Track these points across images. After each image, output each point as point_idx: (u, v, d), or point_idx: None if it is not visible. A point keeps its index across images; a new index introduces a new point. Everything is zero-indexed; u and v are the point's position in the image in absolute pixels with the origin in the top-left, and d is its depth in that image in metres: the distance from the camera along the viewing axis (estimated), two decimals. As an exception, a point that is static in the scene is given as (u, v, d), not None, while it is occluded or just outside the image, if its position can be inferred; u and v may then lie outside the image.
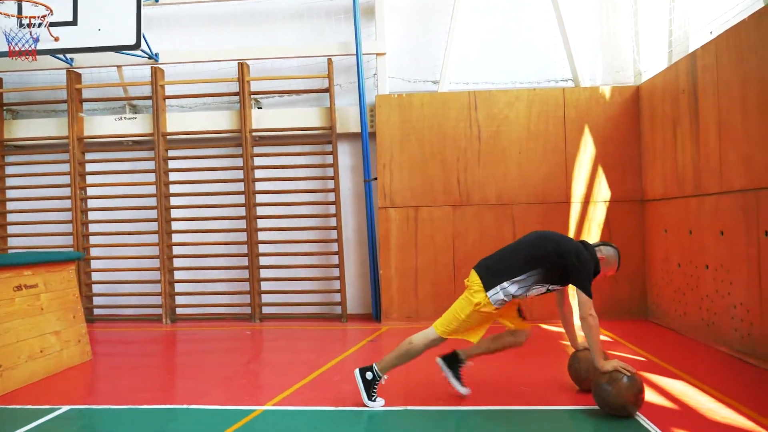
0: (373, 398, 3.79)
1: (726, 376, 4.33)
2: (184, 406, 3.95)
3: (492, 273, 3.70)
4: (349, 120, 7.41)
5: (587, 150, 6.88)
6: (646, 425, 3.36)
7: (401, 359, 3.83)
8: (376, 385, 3.81)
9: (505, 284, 3.65)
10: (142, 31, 6.58)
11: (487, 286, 3.66)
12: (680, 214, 5.88)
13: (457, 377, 3.97)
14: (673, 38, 6.28)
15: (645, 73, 6.85)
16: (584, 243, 3.78)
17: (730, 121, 4.95)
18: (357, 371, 3.85)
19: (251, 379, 4.63)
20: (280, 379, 4.62)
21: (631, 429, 3.29)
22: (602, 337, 5.79)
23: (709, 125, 5.27)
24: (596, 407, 3.56)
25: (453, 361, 3.99)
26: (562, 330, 5.62)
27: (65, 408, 3.97)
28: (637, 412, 3.53)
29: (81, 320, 5.46)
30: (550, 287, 3.78)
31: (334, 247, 7.42)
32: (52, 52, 6.63)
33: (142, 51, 7.18)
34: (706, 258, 5.39)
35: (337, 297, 7.43)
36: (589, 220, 6.84)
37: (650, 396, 3.90)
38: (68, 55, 7.42)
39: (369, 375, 3.80)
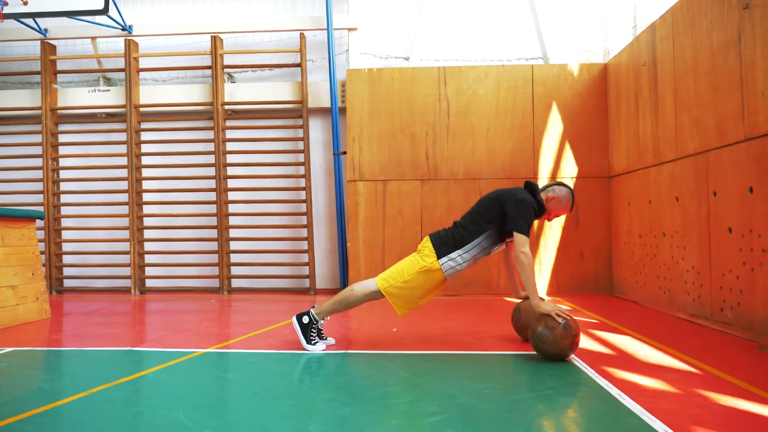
0: (312, 342, 3.81)
1: (671, 333, 4.36)
2: (128, 348, 3.97)
3: (444, 242, 3.72)
4: (320, 95, 7.46)
5: (555, 126, 6.93)
6: (577, 364, 3.39)
7: (339, 305, 3.84)
8: (314, 329, 3.83)
9: (454, 254, 3.69)
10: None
11: (440, 254, 3.69)
12: (641, 185, 5.93)
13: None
14: (637, 14, 6.35)
15: (612, 51, 6.92)
16: (528, 184, 3.80)
17: (683, 87, 5.01)
18: (294, 317, 3.87)
19: (202, 331, 4.64)
20: (231, 331, 4.65)
21: (564, 368, 3.32)
22: (563, 306, 5.82)
23: (666, 93, 5.33)
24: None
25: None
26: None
27: (8, 349, 3.98)
28: (573, 355, 3.56)
29: (40, 278, 5.47)
30: (509, 241, 3.82)
31: (304, 221, 7.45)
32: (19, 16, 6.67)
33: (116, 23, 7.24)
34: (664, 226, 5.44)
35: (306, 270, 7.46)
36: (556, 196, 6.87)
37: (591, 345, 3.94)
38: (42, 26, 7.46)
39: (305, 319, 3.82)
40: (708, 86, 4.60)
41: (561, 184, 3.86)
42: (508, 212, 3.63)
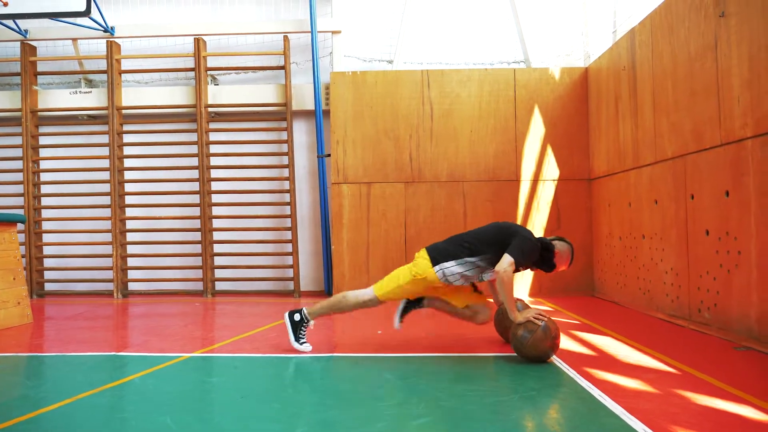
0: (300, 341, 3.84)
1: (651, 334, 4.45)
2: (112, 353, 3.96)
3: (440, 252, 3.79)
4: (304, 97, 7.47)
5: (537, 129, 7.01)
6: (559, 365, 3.45)
7: (331, 309, 3.91)
8: (304, 328, 3.87)
9: (449, 264, 3.74)
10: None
11: (435, 261, 3.76)
12: (621, 188, 6.03)
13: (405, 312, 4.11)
14: (616, 19, 6.46)
15: (593, 56, 7.02)
16: (545, 242, 3.84)
17: (662, 92, 5.11)
18: (286, 313, 3.91)
19: (187, 335, 4.64)
20: (216, 335, 4.65)
21: (546, 370, 3.38)
22: (544, 307, 5.91)
23: (645, 98, 5.43)
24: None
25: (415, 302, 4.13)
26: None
27: (-9, 355, 3.95)
28: (554, 356, 3.63)
29: (22, 283, 5.42)
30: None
31: (288, 223, 7.46)
32: None
33: (98, 24, 7.19)
34: (643, 228, 5.54)
35: (290, 273, 7.46)
36: (538, 198, 6.97)
37: (572, 346, 4.01)
38: (22, 27, 7.38)
39: (297, 317, 3.87)
40: (686, 91, 4.70)
41: (561, 239, 3.89)
42: (513, 242, 3.66)
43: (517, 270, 3.71)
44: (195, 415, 2.66)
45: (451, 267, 3.75)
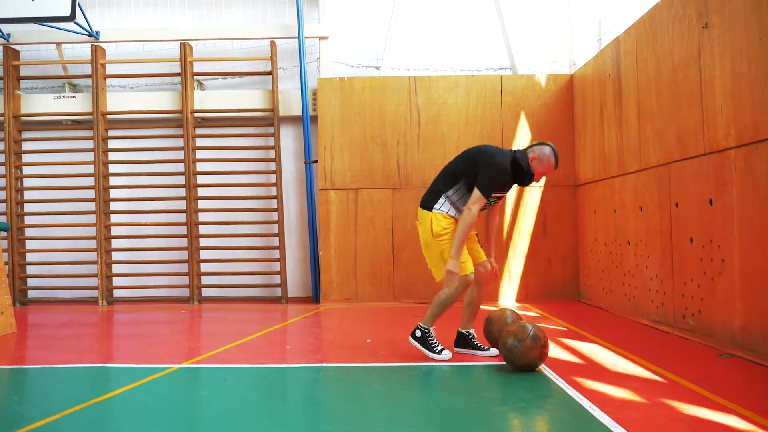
0: (437, 350, 3.92)
1: (637, 341, 4.51)
2: (99, 365, 3.92)
3: (432, 195, 3.95)
4: (291, 103, 7.46)
5: (523, 135, 7.07)
6: (548, 375, 3.48)
7: (437, 308, 3.94)
8: (430, 337, 3.93)
9: (441, 200, 3.89)
10: (77, 2, 6.50)
11: (430, 207, 3.90)
12: (606, 194, 6.10)
13: (479, 347, 4.06)
14: (601, 27, 6.53)
15: (578, 63, 7.09)
16: (519, 153, 3.84)
17: (646, 100, 5.18)
18: (409, 337, 3.96)
19: (175, 344, 4.61)
20: (204, 344, 4.63)
21: (535, 380, 3.40)
22: (532, 314, 5.95)
23: (630, 106, 5.50)
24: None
25: (464, 339, 4.10)
26: (492, 308, 5.83)
27: (-26, 367, 3.89)
28: (543, 365, 3.65)
29: (5, 291, 5.34)
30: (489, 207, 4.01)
31: (275, 229, 7.44)
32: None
33: (83, 28, 7.12)
34: (628, 234, 5.60)
35: (278, 279, 7.44)
36: (525, 204, 7.02)
37: (560, 354, 4.04)
38: (5, 30, 7.29)
39: (418, 333, 3.93)
40: (670, 100, 4.77)
41: (542, 143, 3.87)
42: (478, 174, 3.76)
43: (497, 192, 3.81)
44: (185, 429, 2.64)
45: (444, 202, 3.87)
